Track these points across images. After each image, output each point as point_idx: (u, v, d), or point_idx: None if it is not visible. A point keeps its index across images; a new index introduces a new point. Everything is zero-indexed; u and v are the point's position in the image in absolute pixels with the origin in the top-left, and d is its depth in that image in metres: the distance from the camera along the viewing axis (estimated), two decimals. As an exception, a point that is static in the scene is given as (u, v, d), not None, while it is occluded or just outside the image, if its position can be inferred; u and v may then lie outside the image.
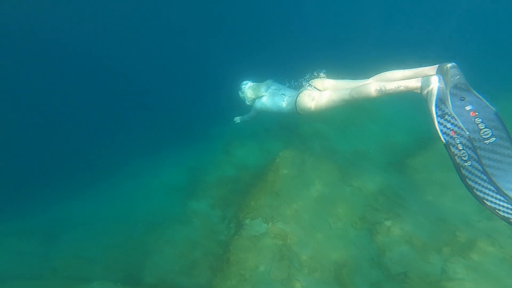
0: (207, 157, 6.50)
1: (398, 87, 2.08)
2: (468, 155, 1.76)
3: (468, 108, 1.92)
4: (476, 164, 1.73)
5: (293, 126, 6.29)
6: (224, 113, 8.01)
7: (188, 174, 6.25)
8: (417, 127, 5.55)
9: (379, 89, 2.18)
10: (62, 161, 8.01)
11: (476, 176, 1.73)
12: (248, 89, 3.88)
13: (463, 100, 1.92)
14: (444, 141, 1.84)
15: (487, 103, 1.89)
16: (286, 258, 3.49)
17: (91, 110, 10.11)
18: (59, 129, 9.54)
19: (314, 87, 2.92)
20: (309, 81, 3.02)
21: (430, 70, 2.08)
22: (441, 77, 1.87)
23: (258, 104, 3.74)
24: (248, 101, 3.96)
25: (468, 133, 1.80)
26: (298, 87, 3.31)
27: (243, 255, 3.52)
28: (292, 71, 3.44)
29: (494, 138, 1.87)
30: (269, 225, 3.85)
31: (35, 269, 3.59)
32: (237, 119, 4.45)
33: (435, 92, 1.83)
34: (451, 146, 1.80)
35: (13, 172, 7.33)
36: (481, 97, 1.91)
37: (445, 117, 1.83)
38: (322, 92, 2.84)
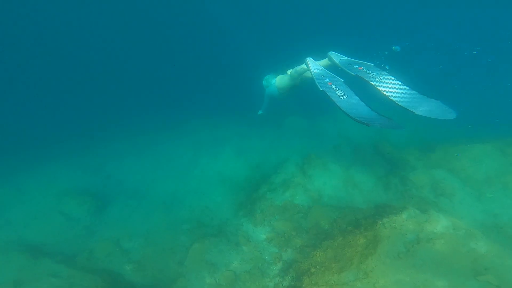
0: (275, 159, 5.48)
1: (302, 67, 3.64)
2: (343, 91, 2.89)
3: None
4: (349, 93, 2.87)
5: (397, 161, 4.62)
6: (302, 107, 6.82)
7: (249, 171, 5.41)
8: None
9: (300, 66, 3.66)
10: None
11: (349, 102, 2.76)
12: (265, 79, 4.69)
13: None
14: (321, 89, 2.99)
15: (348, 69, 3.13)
16: None
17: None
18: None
19: (287, 73, 4.04)
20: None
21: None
22: (310, 58, 3.45)
23: (267, 90, 4.60)
24: (265, 87, 4.75)
25: (342, 79, 3.02)
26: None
27: None
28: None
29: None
30: (343, 312, 2.71)
31: (74, 247, 3.35)
32: (260, 111, 5.06)
33: (310, 64, 3.32)
34: (327, 91, 2.89)
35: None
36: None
37: (323, 76, 3.10)
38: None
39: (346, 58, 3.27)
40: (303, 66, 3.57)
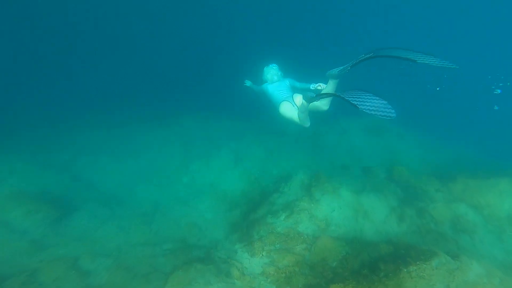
0: (276, 172, 4.89)
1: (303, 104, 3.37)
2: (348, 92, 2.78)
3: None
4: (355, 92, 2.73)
5: (413, 190, 4.16)
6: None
7: (247, 184, 4.76)
8: None
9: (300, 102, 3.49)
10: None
11: (355, 94, 2.65)
12: (269, 68, 4.24)
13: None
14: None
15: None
16: None
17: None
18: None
19: (294, 100, 3.72)
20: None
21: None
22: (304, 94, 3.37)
23: (264, 86, 4.16)
24: (263, 77, 4.31)
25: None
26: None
27: None
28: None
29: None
30: None
31: (9, 267, 2.54)
32: (248, 82, 4.62)
33: (309, 96, 3.20)
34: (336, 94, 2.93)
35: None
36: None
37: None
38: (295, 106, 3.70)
39: (342, 67, 3.13)
40: (303, 102, 3.39)
